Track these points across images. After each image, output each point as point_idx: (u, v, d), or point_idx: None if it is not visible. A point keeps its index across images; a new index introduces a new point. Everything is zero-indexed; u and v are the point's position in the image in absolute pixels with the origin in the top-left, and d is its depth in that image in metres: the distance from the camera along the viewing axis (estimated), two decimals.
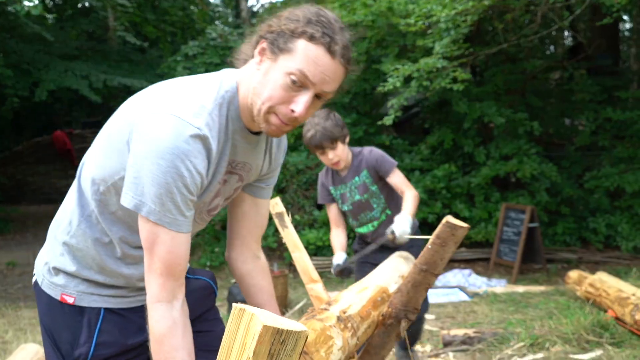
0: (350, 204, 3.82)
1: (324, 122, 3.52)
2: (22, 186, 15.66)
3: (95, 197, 1.78)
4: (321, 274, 5.38)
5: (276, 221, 2.67)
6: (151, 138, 1.58)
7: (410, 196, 3.63)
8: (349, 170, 3.78)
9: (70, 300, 1.84)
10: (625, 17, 15.18)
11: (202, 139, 1.61)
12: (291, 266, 8.56)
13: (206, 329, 2.07)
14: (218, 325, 2.13)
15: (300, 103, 1.66)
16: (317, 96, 1.70)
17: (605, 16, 7.06)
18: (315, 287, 2.35)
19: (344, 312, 1.92)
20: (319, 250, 8.84)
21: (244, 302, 1.52)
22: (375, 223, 3.82)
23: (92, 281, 1.86)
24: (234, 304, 0.98)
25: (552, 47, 15.75)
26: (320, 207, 9.55)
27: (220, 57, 10.76)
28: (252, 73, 1.72)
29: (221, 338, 2.14)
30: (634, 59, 15.49)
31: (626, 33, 17.00)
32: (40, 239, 1.97)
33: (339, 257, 3.70)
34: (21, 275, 9.25)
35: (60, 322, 1.85)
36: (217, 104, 1.69)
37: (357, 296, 2.10)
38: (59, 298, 1.85)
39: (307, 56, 1.63)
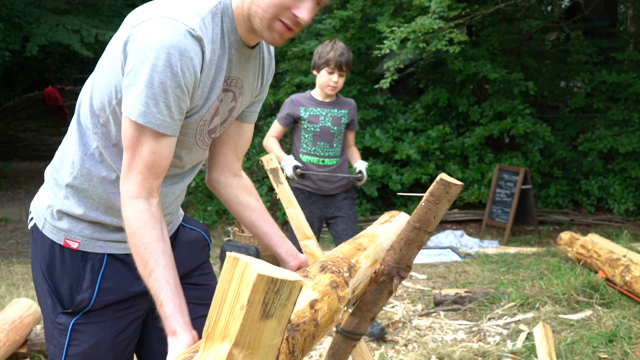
0: (319, 127, 4.18)
1: (349, 52, 4.05)
2: (14, 142, 15.57)
3: (96, 130, 1.76)
4: None
5: (270, 177, 2.64)
6: (146, 40, 1.56)
7: (358, 152, 4.39)
8: (332, 101, 4.22)
9: (74, 246, 1.82)
10: None
11: (198, 40, 1.60)
12: (284, 225, 8.57)
13: (202, 283, 2.06)
14: (213, 279, 2.12)
15: (305, 9, 1.65)
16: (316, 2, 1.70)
17: None
18: (309, 243, 2.33)
19: (353, 292, 1.91)
20: None
21: None
22: (327, 161, 4.20)
23: (98, 223, 1.83)
24: (227, 253, 0.96)
25: (548, 8, 15.60)
26: None
27: None
28: None
29: None
30: (631, 21, 15.37)
31: None
32: (33, 195, 1.92)
33: (292, 159, 4.14)
34: (13, 231, 9.26)
35: (62, 267, 1.83)
36: (210, 13, 1.67)
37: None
38: (62, 243, 1.82)
39: None
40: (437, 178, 1.93)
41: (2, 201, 11.21)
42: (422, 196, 1.99)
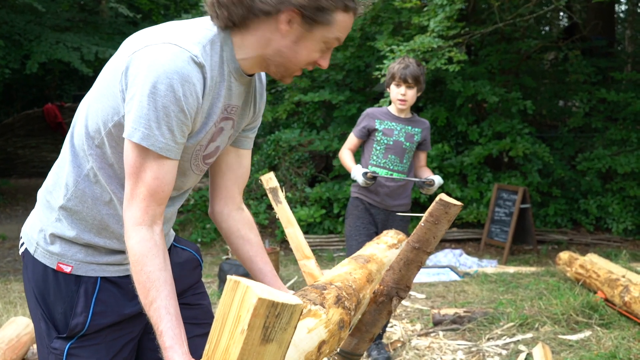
0: (392, 140, 4.17)
1: (417, 65, 4.04)
2: (13, 159, 15.57)
3: (90, 151, 1.75)
4: (314, 251, 5.34)
5: (270, 196, 2.65)
6: (149, 65, 1.58)
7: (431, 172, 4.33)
8: (407, 117, 4.22)
9: (67, 270, 1.80)
10: None
11: (200, 66, 1.63)
12: (282, 243, 8.56)
13: (195, 302, 2.05)
14: (205, 298, 2.12)
15: (327, 59, 1.80)
16: None
17: None
18: (308, 263, 2.34)
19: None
20: (310, 227, 8.84)
21: None
22: (395, 175, 4.18)
23: (91, 246, 1.82)
24: (228, 276, 0.96)
25: (547, 28, 15.70)
26: (312, 185, 9.52)
27: None
28: (268, 33, 1.72)
29: (209, 312, 2.13)
30: (629, 41, 15.47)
31: (621, 14, 16.95)
32: (31, 212, 1.92)
33: (360, 167, 4.10)
34: (11, 248, 9.22)
35: (55, 292, 1.81)
36: (209, 41, 1.70)
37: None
38: (54, 267, 1.81)
39: (342, 26, 1.75)
40: (437, 198, 1.93)
41: (0, 218, 11.18)
42: (422, 216, 1.99)
